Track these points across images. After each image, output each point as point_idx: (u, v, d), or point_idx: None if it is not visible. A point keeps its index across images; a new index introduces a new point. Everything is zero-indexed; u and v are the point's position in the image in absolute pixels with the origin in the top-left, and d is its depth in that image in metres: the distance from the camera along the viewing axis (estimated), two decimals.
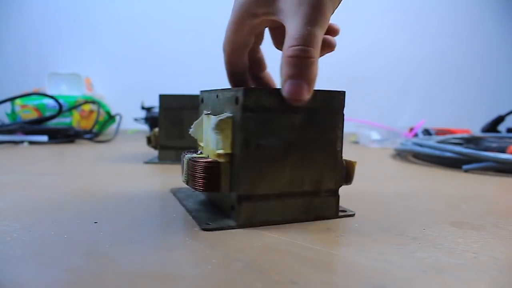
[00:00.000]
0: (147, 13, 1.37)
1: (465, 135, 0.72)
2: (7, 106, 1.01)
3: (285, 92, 0.26)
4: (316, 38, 0.25)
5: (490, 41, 1.47)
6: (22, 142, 0.80)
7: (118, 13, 1.37)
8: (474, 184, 0.47)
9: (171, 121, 0.56)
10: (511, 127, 0.93)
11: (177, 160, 0.56)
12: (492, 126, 0.88)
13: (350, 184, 0.30)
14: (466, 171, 0.54)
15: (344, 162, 0.30)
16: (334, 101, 0.28)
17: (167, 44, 1.36)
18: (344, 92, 0.29)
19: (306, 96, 0.25)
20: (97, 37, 1.37)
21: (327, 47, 0.33)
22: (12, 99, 0.86)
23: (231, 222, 0.27)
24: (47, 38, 1.36)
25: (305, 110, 0.27)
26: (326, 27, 0.26)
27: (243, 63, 0.33)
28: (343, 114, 0.29)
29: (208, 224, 0.27)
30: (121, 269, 0.20)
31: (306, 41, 0.25)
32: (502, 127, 0.91)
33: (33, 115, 0.99)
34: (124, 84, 1.35)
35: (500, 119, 0.88)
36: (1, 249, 0.22)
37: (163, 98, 0.57)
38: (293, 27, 0.26)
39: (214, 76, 1.35)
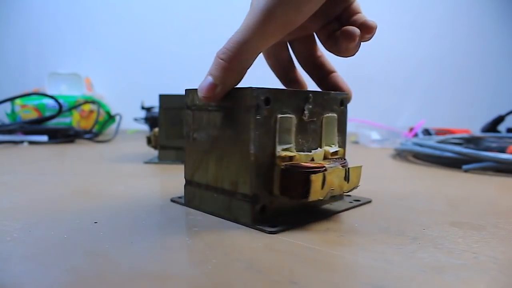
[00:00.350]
0: (147, 13, 1.37)
1: (465, 135, 0.72)
2: (7, 106, 1.01)
3: (199, 86, 0.27)
4: (242, 48, 0.25)
5: (490, 41, 1.47)
6: (22, 142, 0.80)
7: (118, 13, 1.36)
8: (474, 184, 0.47)
9: (171, 121, 0.56)
10: (511, 127, 0.93)
11: (177, 160, 0.57)
12: (492, 126, 0.88)
13: (305, 200, 0.25)
14: (466, 171, 0.54)
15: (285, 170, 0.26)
16: (246, 99, 0.26)
17: (167, 44, 1.36)
18: (258, 88, 0.26)
19: (211, 95, 0.26)
20: (97, 37, 1.37)
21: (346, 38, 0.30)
22: (12, 99, 0.86)
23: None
24: (47, 38, 1.36)
25: (223, 108, 0.28)
26: (269, 39, 0.25)
27: (286, 58, 0.34)
28: (262, 114, 0.26)
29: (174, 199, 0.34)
30: (121, 269, 0.20)
31: (231, 48, 0.25)
32: (502, 127, 0.91)
33: (33, 115, 0.99)
34: (124, 84, 1.35)
35: (500, 119, 0.88)
36: (1, 249, 0.22)
37: (163, 98, 0.57)
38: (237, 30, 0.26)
39: None
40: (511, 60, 1.49)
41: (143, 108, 1.13)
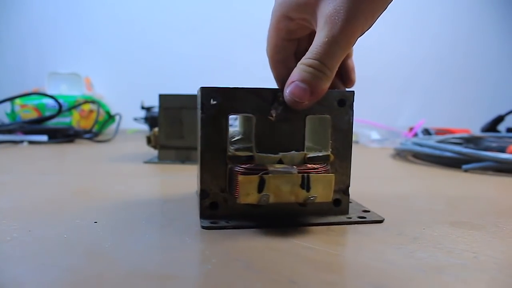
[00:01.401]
0: (147, 13, 1.37)
1: (464, 134, 0.72)
2: (7, 106, 1.01)
3: (287, 92, 0.26)
4: (333, 58, 0.25)
5: (490, 41, 1.47)
6: (21, 141, 0.80)
7: (117, 13, 1.36)
8: (474, 183, 0.47)
9: (170, 121, 0.56)
10: (510, 126, 0.93)
11: (177, 159, 0.57)
12: (492, 126, 0.88)
13: (238, 201, 0.25)
14: (466, 170, 0.54)
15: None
16: (199, 98, 0.27)
17: (167, 44, 1.36)
18: (206, 87, 0.26)
19: (306, 101, 0.26)
20: (97, 37, 1.37)
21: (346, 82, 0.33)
22: (11, 99, 0.86)
23: None
24: (47, 38, 1.36)
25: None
26: (350, 47, 0.26)
27: (290, 68, 0.32)
28: (209, 112, 0.26)
29: None
30: (121, 269, 0.20)
31: (322, 58, 0.25)
32: (501, 127, 0.91)
33: (33, 115, 0.99)
34: (124, 84, 1.35)
35: (499, 119, 0.88)
36: (1, 248, 0.22)
37: (162, 98, 0.57)
38: (316, 40, 0.26)
39: (214, 76, 1.36)
40: (511, 60, 1.49)
41: (143, 108, 1.13)
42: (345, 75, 0.33)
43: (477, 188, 0.44)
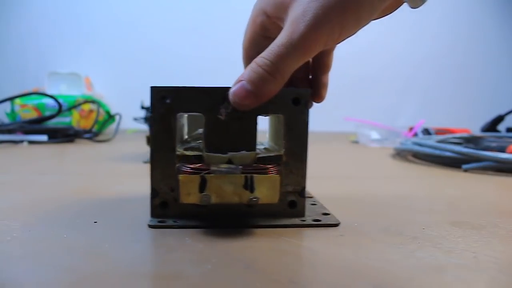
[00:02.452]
0: (147, 13, 1.37)
1: (464, 134, 0.72)
2: (7, 106, 1.01)
3: (231, 91, 0.25)
4: (286, 63, 0.24)
5: (490, 40, 1.47)
6: (21, 141, 0.80)
7: (117, 12, 1.36)
8: (473, 183, 0.47)
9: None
10: (510, 126, 0.94)
11: None
12: (492, 126, 0.88)
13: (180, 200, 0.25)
14: (465, 170, 0.54)
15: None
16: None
17: (167, 44, 1.36)
18: (156, 87, 0.26)
19: (247, 103, 0.25)
20: (97, 36, 1.37)
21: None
22: (11, 99, 0.86)
23: None
24: (47, 38, 1.36)
25: None
26: (307, 55, 0.24)
27: None
28: (158, 111, 0.26)
29: None
30: (121, 269, 0.20)
31: (275, 60, 0.24)
32: (501, 127, 0.91)
33: (33, 115, 0.99)
34: (124, 84, 1.35)
35: (499, 119, 0.88)
36: (1, 248, 0.22)
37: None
38: (276, 40, 0.24)
39: (213, 76, 1.36)
40: (511, 60, 1.49)
41: (142, 107, 1.13)
42: (315, 90, 0.31)
43: (477, 188, 0.44)
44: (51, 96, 0.88)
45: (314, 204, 0.32)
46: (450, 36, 1.45)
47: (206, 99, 0.27)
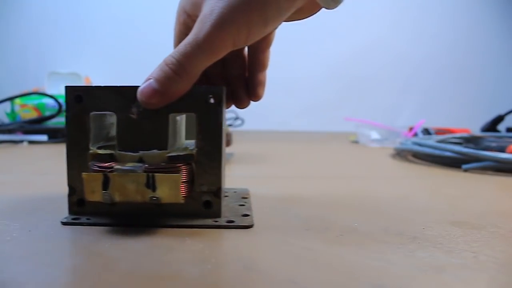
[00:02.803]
0: (147, 13, 1.37)
1: (464, 134, 0.72)
2: (7, 106, 1.01)
3: (139, 90, 0.25)
4: (193, 62, 0.24)
5: (490, 40, 1.47)
6: (21, 141, 0.80)
7: (117, 12, 1.36)
8: (473, 183, 0.47)
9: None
10: (510, 126, 0.94)
11: None
12: (492, 126, 0.88)
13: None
14: (465, 170, 0.54)
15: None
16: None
17: (167, 44, 1.36)
18: (71, 87, 0.27)
19: (154, 102, 0.25)
20: (97, 36, 1.37)
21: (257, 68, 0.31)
22: (11, 99, 0.86)
23: None
24: (47, 38, 1.36)
25: None
26: (215, 55, 0.24)
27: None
28: (72, 110, 0.27)
29: None
30: (120, 269, 0.20)
31: (182, 60, 0.24)
32: (501, 127, 0.91)
33: (33, 115, 0.99)
34: (123, 84, 1.35)
35: (499, 119, 0.88)
36: (1, 248, 0.22)
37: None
38: (185, 39, 0.24)
39: None
40: (511, 60, 1.49)
41: None
42: (251, 88, 0.31)
43: (477, 188, 0.44)
44: (51, 96, 0.88)
45: (243, 205, 0.31)
46: (450, 36, 1.45)
47: (118, 99, 0.27)
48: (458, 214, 0.31)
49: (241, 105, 0.32)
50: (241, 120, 1.11)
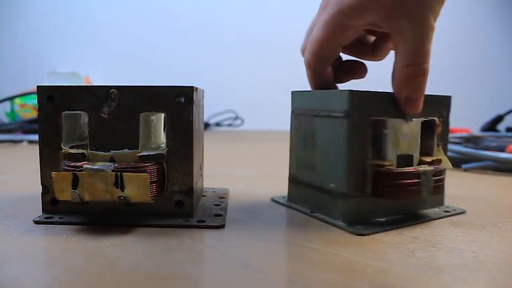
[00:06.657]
0: (147, 13, 1.37)
1: (464, 134, 0.72)
2: (7, 105, 1.01)
3: (406, 108, 0.29)
4: (429, 53, 0.27)
5: (490, 40, 1.47)
6: (21, 141, 0.80)
7: (117, 12, 1.36)
8: (473, 183, 0.47)
9: (301, 138, 0.54)
10: (510, 126, 0.93)
11: (304, 206, 0.54)
12: (491, 125, 0.88)
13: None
14: (465, 170, 0.54)
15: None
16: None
17: (166, 43, 1.36)
18: (44, 86, 0.28)
19: (420, 106, 0.29)
20: (97, 36, 1.37)
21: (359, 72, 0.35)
22: (11, 98, 0.86)
23: None
24: (47, 37, 1.36)
25: None
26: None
27: (329, 75, 0.32)
28: (44, 110, 0.28)
29: None
30: (120, 269, 0.20)
31: (424, 59, 0.27)
32: (501, 126, 0.91)
33: (33, 114, 0.99)
34: (123, 84, 1.35)
35: (499, 119, 0.88)
36: (1, 248, 0.22)
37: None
38: (409, 43, 0.26)
39: (213, 76, 1.35)
40: (511, 60, 1.49)
41: None
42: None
43: (477, 187, 0.44)
44: None
45: (218, 205, 0.31)
46: (450, 36, 1.45)
47: (90, 98, 0.27)
48: (458, 214, 0.32)
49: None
50: (241, 120, 1.11)
